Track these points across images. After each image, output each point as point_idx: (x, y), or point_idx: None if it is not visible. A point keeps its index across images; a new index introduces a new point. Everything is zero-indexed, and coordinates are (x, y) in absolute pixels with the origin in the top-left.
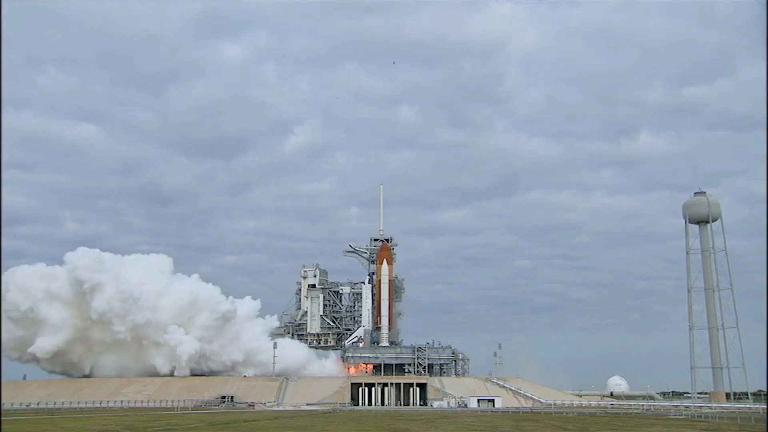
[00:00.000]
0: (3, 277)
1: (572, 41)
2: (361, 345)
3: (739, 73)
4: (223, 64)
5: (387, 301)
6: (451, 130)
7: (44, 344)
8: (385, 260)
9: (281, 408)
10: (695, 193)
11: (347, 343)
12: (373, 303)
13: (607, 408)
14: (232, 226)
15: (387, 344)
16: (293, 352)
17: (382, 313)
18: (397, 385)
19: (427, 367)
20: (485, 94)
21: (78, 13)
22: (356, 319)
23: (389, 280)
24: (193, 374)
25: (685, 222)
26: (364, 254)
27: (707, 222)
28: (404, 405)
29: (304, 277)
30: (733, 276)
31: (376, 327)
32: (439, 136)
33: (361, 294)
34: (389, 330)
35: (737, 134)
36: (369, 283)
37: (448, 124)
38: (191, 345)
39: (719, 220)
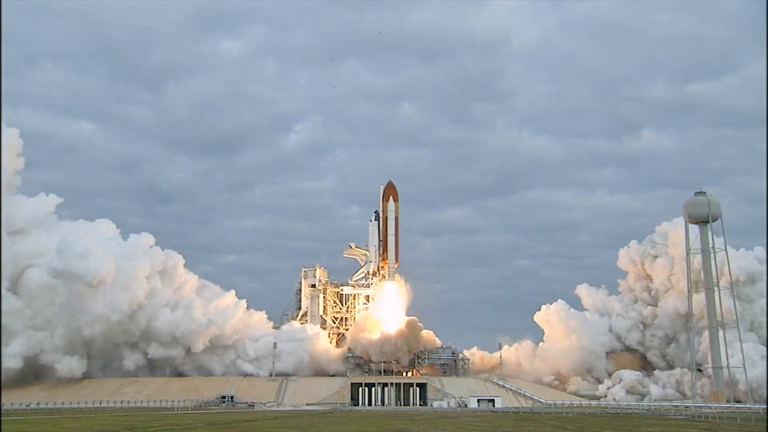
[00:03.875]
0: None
1: (575, 37)
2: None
3: (744, 69)
4: (222, 59)
5: (393, 237)
6: (453, 127)
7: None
8: (391, 197)
9: (281, 408)
10: (695, 193)
11: (353, 279)
12: (379, 239)
13: (607, 408)
14: (231, 224)
15: (392, 281)
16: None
17: (388, 248)
18: (397, 385)
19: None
20: (487, 90)
21: (74, 7)
22: (357, 319)
23: (395, 217)
24: None
25: (685, 222)
26: (364, 254)
27: (707, 222)
28: (404, 405)
29: (305, 277)
30: (733, 276)
31: (382, 259)
32: (440, 134)
33: (361, 294)
34: (396, 266)
35: (741, 132)
36: (375, 220)
37: (449, 121)
38: None
39: (719, 219)
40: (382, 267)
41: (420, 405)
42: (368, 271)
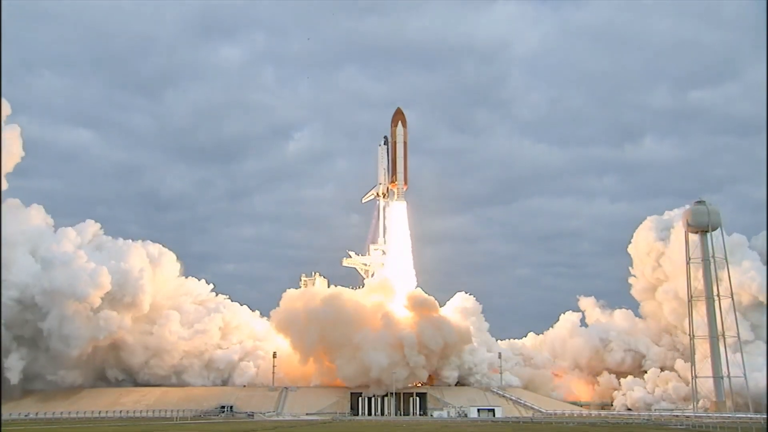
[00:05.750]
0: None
1: (576, 44)
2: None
3: (745, 75)
4: (221, 66)
5: (402, 159)
6: (453, 134)
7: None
8: (399, 122)
9: (281, 418)
10: (695, 202)
11: (363, 201)
12: (388, 161)
13: (608, 418)
14: (231, 233)
15: (401, 200)
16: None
17: (398, 170)
18: (397, 394)
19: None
20: (488, 97)
21: (73, 14)
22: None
23: (404, 141)
24: None
25: (685, 231)
26: (364, 262)
27: (707, 231)
28: (404, 415)
29: (305, 286)
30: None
31: (391, 181)
32: (440, 141)
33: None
34: (404, 190)
35: (743, 139)
36: (385, 144)
37: (449, 129)
38: None
39: (719, 228)
40: (391, 188)
41: (420, 415)
42: (377, 193)
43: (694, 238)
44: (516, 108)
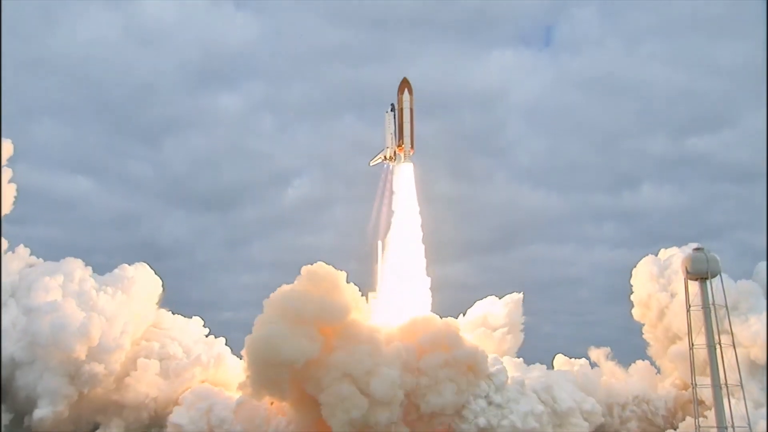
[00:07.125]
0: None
1: (574, 91)
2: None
3: (743, 122)
4: (221, 114)
5: (409, 125)
6: (450, 182)
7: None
8: (406, 90)
9: None
10: (694, 249)
11: (371, 164)
12: (395, 127)
13: None
14: (229, 281)
15: (408, 162)
16: None
17: (404, 134)
18: None
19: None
20: (486, 144)
21: (73, 62)
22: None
23: (410, 107)
24: None
25: (685, 278)
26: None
27: (706, 278)
28: None
29: None
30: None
31: (398, 145)
32: (438, 189)
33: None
34: (411, 154)
35: (741, 186)
36: (392, 111)
37: (447, 176)
38: None
39: (719, 276)
40: (398, 152)
41: None
42: (385, 156)
43: (694, 286)
44: (514, 155)
